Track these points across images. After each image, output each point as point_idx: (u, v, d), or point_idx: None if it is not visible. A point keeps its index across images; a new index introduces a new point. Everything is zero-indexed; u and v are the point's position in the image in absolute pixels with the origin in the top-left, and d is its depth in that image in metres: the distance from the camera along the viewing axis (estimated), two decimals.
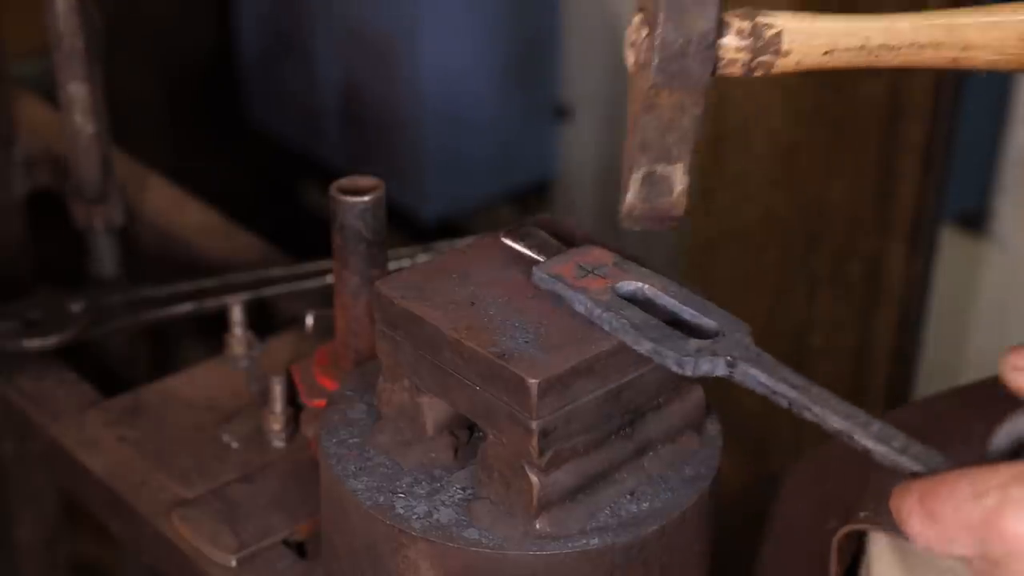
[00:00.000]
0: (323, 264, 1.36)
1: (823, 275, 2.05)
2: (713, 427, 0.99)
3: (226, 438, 1.20)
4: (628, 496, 0.93)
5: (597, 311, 0.89)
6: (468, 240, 1.03)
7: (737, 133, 2.09)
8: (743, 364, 0.85)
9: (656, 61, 0.87)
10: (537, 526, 0.90)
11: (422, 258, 1.34)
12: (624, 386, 0.90)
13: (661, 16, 0.86)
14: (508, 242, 0.97)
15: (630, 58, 0.89)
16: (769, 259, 2.08)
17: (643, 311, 0.89)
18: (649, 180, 0.91)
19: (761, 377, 0.85)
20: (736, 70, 0.90)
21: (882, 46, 0.90)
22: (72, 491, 1.28)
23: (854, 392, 2.10)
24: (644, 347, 0.87)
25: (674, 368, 0.86)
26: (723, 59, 0.89)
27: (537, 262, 0.94)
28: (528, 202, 2.63)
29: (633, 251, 0.95)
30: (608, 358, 0.88)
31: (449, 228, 2.52)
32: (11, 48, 1.55)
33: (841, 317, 2.07)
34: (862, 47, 0.90)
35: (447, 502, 0.93)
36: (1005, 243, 2.17)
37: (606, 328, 0.89)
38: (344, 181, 1.08)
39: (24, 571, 1.53)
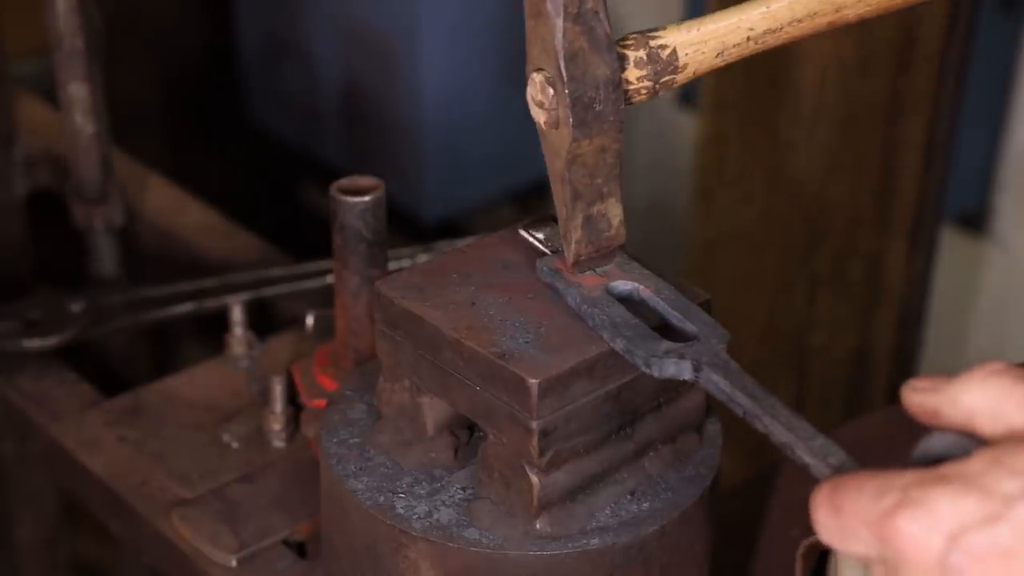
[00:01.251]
0: (323, 264, 1.36)
1: (823, 275, 2.05)
2: (713, 427, 0.99)
3: (226, 438, 1.20)
4: (628, 496, 0.93)
5: (584, 306, 0.90)
6: (468, 240, 1.03)
7: (737, 133, 2.09)
8: (708, 369, 0.86)
9: (571, 119, 0.87)
10: (537, 526, 0.90)
11: (422, 258, 1.34)
12: (624, 386, 0.90)
13: (565, 75, 0.86)
14: (524, 233, 0.97)
15: (540, 117, 0.89)
16: (769, 259, 2.08)
17: (629, 311, 0.90)
18: (588, 223, 0.92)
19: (722, 384, 0.86)
20: (643, 97, 0.90)
21: (766, 32, 0.92)
22: (72, 491, 1.28)
23: (854, 392, 2.11)
24: (618, 345, 0.88)
25: (642, 367, 0.87)
26: (629, 91, 0.90)
27: (545, 255, 0.95)
28: (528, 202, 2.63)
29: (634, 251, 0.96)
30: (608, 358, 0.88)
31: (449, 228, 2.52)
32: (11, 48, 1.56)
33: (841, 317, 2.07)
34: (748, 39, 0.92)
35: (447, 502, 0.93)
36: (1005, 243, 2.17)
37: (589, 324, 0.90)
38: (344, 181, 1.08)
39: (24, 571, 1.53)
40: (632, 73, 0.89)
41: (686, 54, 0.90)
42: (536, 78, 0.89)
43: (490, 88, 2.51)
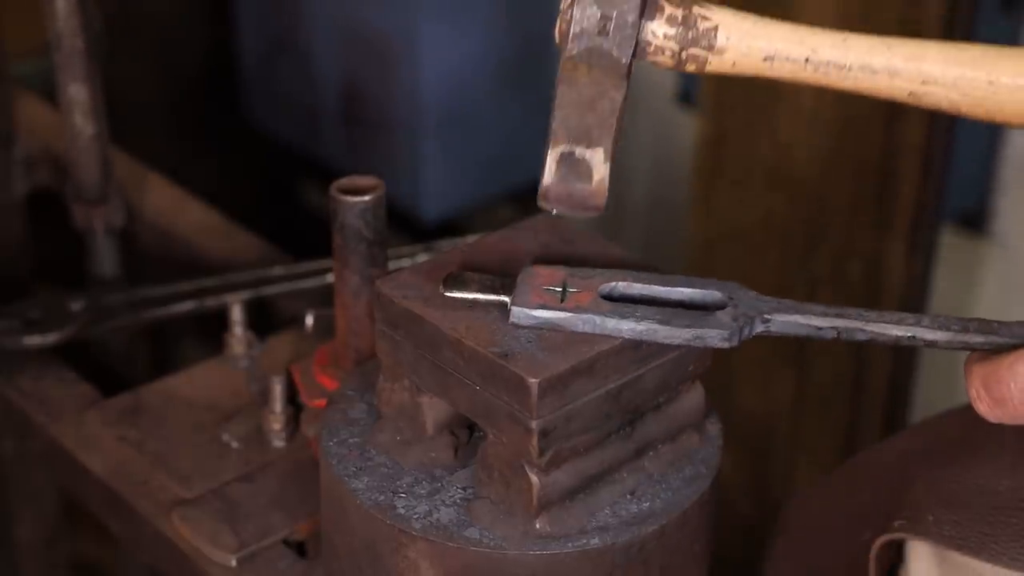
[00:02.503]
0: (323, 264, 1.36)
1: (823, 275, 2.05)
2: (713, 427, 0.99)
3: (226, 438, 1.20)
4: (628, 496, 0.93)
5: (611, 323, 0.88)
6: (468, 240, 1.03)
7: (737, 133, 2.09)
8: (776, 315, 0.85)
9: (572, 33, 0.85)
10: (537, 526, 0.90)
11: (422, 258, 1.34)
12: (624, 386, 0.90)
13: None
14: (453, 295, 0.91)
15: (557, 27, 0.86)
16: (769, 259, 2.08)
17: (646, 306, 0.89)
18: (567, 161, 0.88)
19: (799, 319, 0.85)
20: (665, 60, 0.86)
21: (830, 63, 0.85)
22: (72, 491, 1.28)
23: (854, 392, 2.11)
24: (684, 336, 0.86)
25: (722, 345, 0.86)
26: (649, 44, 0.86)
27: (497, 304, 0.90)
28: (528, 202, 2.63)
29: (633, 252, 0.95)
30: (608, 358, 0.88)
31: (449, 228, 2.52)
32: (11, 48, 1.55)
33: None
34: (807, 60, 0.85)
35: (447, 502, 0.93)
36: (1005, 243, 2.17)
37: (628, 336, 0.87)
38: (344, 181, 1.08)
39: (24, 571, 1.53)
40: (659, 26, 0.86)
41: (728, 37, 0.85)
42: None
43: (490, 88, 2.50)
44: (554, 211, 0.90)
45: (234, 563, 1.08)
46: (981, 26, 1.97)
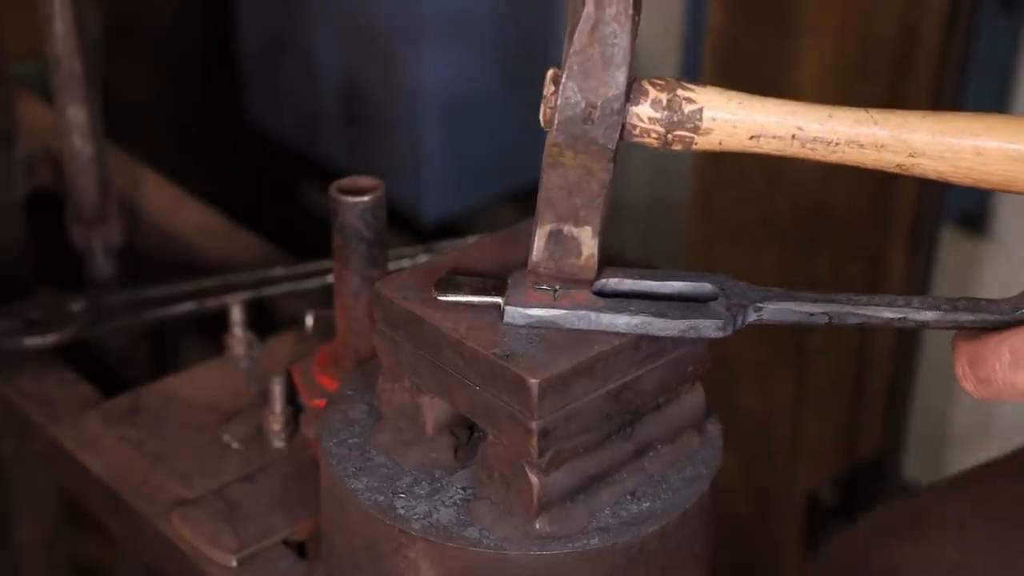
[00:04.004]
0: (323, 264, 1.36)
1: (823, 275, 2.05)
2: (713, 427, 0.99)
3: (226, 438, 1.20)
4: (628, 496, 0.93)
5: (606, 318, 0.88)
6: (468, 240, 1.03)
7: None
8: (768, 303, 0.86)
9: (557, 123, 0.85)
10: (537, 526, 0.90)
11: (422, 258, 1.34)
12: (624, 386, 0.90)
13: (564, 76, 0.84)
14: (445, 298, 0.91)
15: (541, 112, 0.87)
16: (769, 260, 2.08)
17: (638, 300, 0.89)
18: (555, 238, 0.89)
19: (791, 306, 0.87)
20: (651, 141, 0.86)
21: (817, 139, 0.85)
22: (72, 491, 1.28)
23: (854, 392, 2.11)
24: (678, 328, 0.87)
25: (716, 335, 0.87)
26: (635, 128, 0.86)
27: (491, 305, 0.90)
28: (528, 202, 2.63)
29: (633, 252, 0.95)
30: (608, 358, 0.88)
31: (449, 228, 2.52)
32: (11, 48, 1.55)
33: None
34: (794, 137, 0.85)
35: (447, 502, 0.93)
36: (1005, 243, 2.17)
37: (623, 330, 0.88)
38: (344, 181, 1.08)
39: (24, 571, 1.53)
40: (644, 111, 0.86)
41: (714, 119, 0.86)
42: (550, 72, 0.87)
43: (490, 88, 2.50)
44: (544, 286, 0.90)
45: (234, 563, 1.08)
46: (981, 26, 1.97)
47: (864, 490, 2.26)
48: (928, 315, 0.86)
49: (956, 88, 1.91)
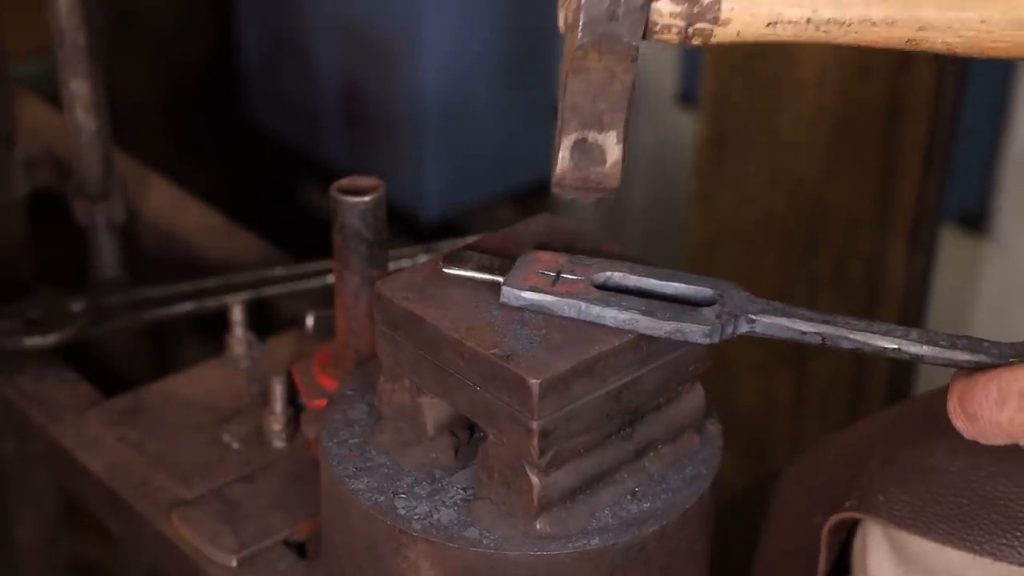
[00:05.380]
0: (323, 264, 1.36)
1: (823, 275, 2.05)
2: (713, 427, 0.99)
3: (226, 438, 1.20)
4: (628, 496, 0.93)
5: (595, 310, 0.89)
6: (468, 240, 1.03)
7: (737, 133, 2.09)
8: (762, 317, 0.85)
9: (582, 22, 0.85)
10: (537, 526, 0.90)
11: (422, 258, 1.34)
12: (624, 386, 0.90)
13: None
14: (449, 270, 0.93)
15: (560, 17, 0.86)
16: (769, 260, 2.08)
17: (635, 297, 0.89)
18: (580, 147, 0.88)
19: (785, 323, 0.86)
20: (672, 37, 0.87)
21: (831, 20, 0.87)
22: (72, 491, 1.28)
23: (854, 392, 2.11)
24: (664, 329, 0.87)
25: (701, 340, 0.87)
26: (656, 24, 0.86)
27: (490, 283, 0.91)
28: (528, 202, 2.63)
29: (633, 251, 0.95)
30: (609, 358, 0.88)
31: (449, 228, 2.52)
32: (11, 48, 1.55)
33: None
34: (809, 20, 0.87)
35: (447, 502, 0.93)
36: (1005, 243, 2.17)
37: (611, 324, 0.88)
38: (344, 181, 1.08)
39: (24, 571, 1.53)
40: (665, 6, 0.86)
41: (732, 8, 0.86)
42: None
43: (490, 88, 2.51)
44: (568, 197, 0.90)
45: (234, 564, 1.08)
46: None
47: None
48: (924, 349, 0.86)
49: (956, 88, 1.91)
